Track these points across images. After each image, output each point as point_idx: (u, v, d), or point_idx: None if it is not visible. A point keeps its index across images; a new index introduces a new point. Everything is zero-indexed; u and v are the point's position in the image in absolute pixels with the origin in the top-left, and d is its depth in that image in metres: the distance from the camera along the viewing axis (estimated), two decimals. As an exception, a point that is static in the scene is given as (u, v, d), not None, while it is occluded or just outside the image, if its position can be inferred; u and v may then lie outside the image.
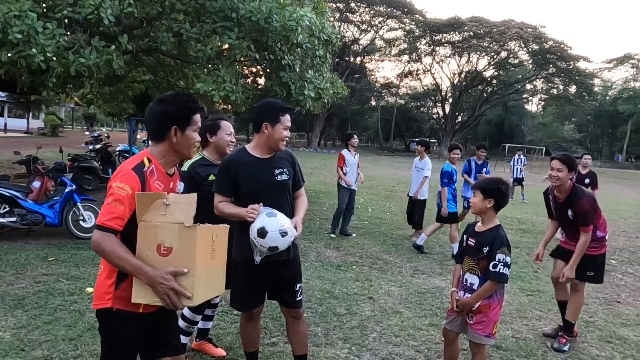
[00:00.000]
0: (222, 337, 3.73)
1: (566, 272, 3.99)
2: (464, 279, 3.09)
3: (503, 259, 2.89)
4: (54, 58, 6.07)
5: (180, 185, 2.53)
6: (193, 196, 2.01)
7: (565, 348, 4.04)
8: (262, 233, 2.58)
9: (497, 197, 3.03)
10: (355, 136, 8.34)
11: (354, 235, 8.12)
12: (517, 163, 15.51)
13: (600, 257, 4.17)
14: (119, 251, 1.91)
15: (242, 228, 2.76)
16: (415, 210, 8.33)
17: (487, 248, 2.94)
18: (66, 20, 6.58)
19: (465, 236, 3.17)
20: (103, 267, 2.07)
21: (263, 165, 2.84)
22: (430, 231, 7.44)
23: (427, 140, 10.57)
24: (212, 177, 3.10)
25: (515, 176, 15.28)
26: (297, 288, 2.95)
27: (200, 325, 3.49)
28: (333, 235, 7.95)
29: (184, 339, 3.19)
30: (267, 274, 2.84)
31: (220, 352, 3.46)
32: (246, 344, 3.11)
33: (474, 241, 3.05)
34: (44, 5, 6.81)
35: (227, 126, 3.27)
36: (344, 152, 8.05)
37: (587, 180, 8.22)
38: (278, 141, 2.82)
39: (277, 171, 2.85)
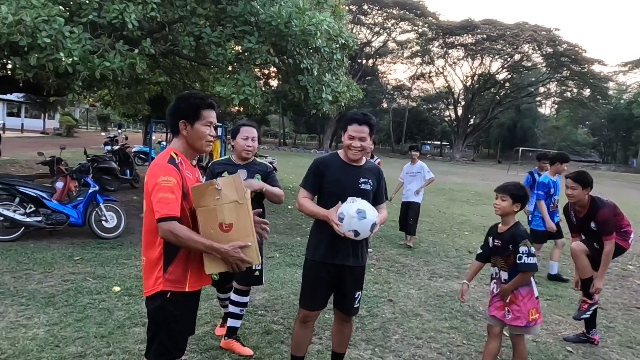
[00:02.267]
0: (247, 337, 3.81)
1: (596, 283, 4.09)
2: (499, 276, 3.36)
3: (526, 251, 3.14)
4: (80, 61, 6.21)
5: (203, 180, 2.77)
6: (237, 176, 2.25)
7: (586, 315, 4.16)
8: (340, 218, 2.74)
9: (524, 201, 3.30)
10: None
11: (370, 250, 7.48)
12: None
13: (621, 249, 4.22)
14: (192, 234, 2.13)
15: (317, 228, 3.02)
16: (409, 213, 7.92)
17: (511, 245, 3.21)
18: (91, 25, 6.71)
19: (490, 238, 3.42)
20: (146, 259, 2.27)
21: (350, 171, 2.99)
22: (557, 256, 6.58)
23: (417, 145, 10.18)
24: (225, 174, 3.27)
25: None
26: (357, 296, 3.09)
27: (229, 323, 3.59)
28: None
29: (236, 322, 3.58)
30: (335, 276, 2.99)
31: (248, 351, 3.54)
32: (295, 348, 3.17)
33: (499, 242, 3.31)
34: (68, 9, 6.95)
35: (244, 131, 3.49)
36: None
37: None
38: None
39: (362, 179, 2.97)
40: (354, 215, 2.69)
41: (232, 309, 3.60)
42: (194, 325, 2.45)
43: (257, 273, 3.56)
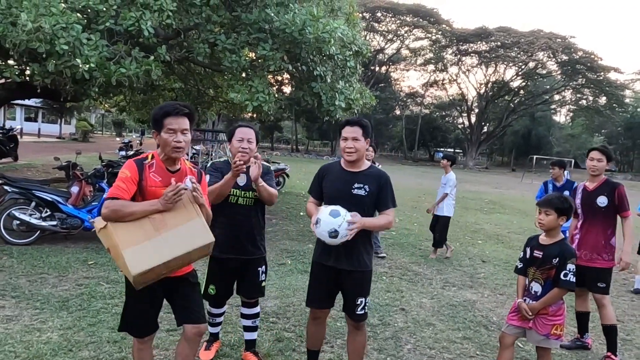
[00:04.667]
0: (259, 345, 3.79)
1: (624, 257, 4.10)
2: (530, 287, 3.28)
3: (572, 269, 3.12)
4: (97, 68, 6.29)
5: (207, 177, 3.06)
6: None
7: None
8: (317, 223, 2.90)
9: (569, 214, 3.28)
10: (370, 147, 7.81)
11: (384, 255, 7.44)
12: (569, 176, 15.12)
13: (610, 270, 4.23)
14: (124, 204, 2.41)
15: None
16: (436, 227, 7.74)
17: (558, 259, 3.15)
18: (108, 32, 6.80)
19: (529, 249, 3.35)
20: None
21: (346, 177, 3.11)
22: None
23: (453, 154, 9.78)
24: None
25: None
26: (359, 302, 3.10)
27: (245, 337, 3.60)
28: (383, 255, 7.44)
29: (252, 335, 3.59)
30: (333, 278, 3.12)
31: None
32: (309, 342, 3.36)
33: (540, 253, 3.25)
34: (86, 17, 7.06)
35: (239, 132, 3.37)
36: None
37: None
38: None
39: (356, 185, 3.06)
40: (327, 216, 2.86)
41: (244, 322, 3.60)
42: (157, 310, 2.72)
43: (263, 284, 3.54)
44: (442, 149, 71.29)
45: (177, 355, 2.73)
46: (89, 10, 6.73)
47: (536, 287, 3.24)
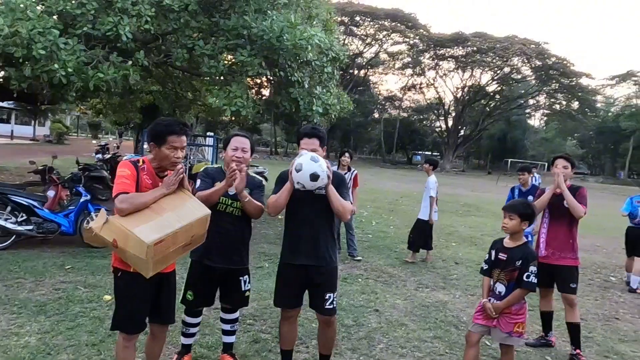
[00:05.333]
0: (236, 346, 3.88)
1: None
2: (494, 288, 3.46)
3: (534, 271, 3.31)
4: (74, 73, 6.30)
5: (197, 182, 3.35)
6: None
7: None
8: (298, 167, 3.02)
9: (532, 219, 3.46)
10: (346, 154, 7.65)
11: (360, 258, 7.59)
12: (532, 181, 15.46)
13: (577, 269, 4.48)
14: (136, 195, 2.65)
15: (284, 232, 3.33)
16: (415, 229, 7.84)
17: (521, 262, 3.33)
18: (85, 37, 6.81)
19: (494, 252, 3.53)
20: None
21: None
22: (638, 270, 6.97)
23: (435, 158, 9.82)
24: (218, 184, 3.31)
25: None
26: (327, 297, 3.26)
27: (224, 339, 3.69)
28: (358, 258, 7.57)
29: (230, 338, 3.67)
30: (301, 276, 3.26)
31: None
32: (282, 342, 3.47)
33: (505, 256, 3.43)
34: (63, 21, 7.06)
35: (235, 141, 3.39)
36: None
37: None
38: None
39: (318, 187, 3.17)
40: (309, 160, 3.01)
41: (223, 326, 3.67)
42: (148, 306, 2.84)
43: (247, 294, 3.58)
44: (420, 152, 72.22)
45: (146, 354, 3.04)
46: (67, 15, 6.74)
47: (500, 288, 3.42)
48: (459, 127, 55.05)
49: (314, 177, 2.99)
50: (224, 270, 3.43)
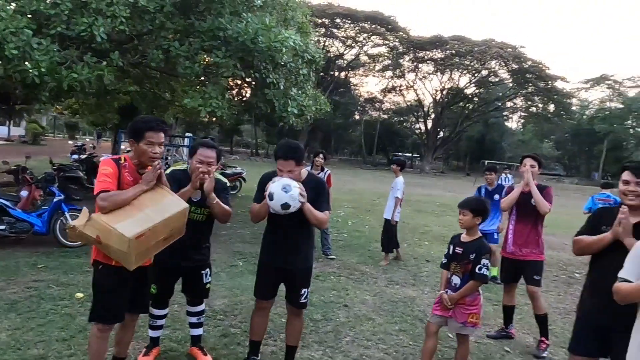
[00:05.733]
0: (205, 339, 3.99)
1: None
2: (450, 280, 3.64)
3: (486, 263, 3.51)
4: (48, 73, 6.31)
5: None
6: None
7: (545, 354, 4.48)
8: (270, 196, 3.15)
9: (485, 215, 3.62)
10: (320, 155, 7.87)
11: (334, 257, 7.76)
12: (504, 182, 15.82)
13: (542, 263, 4.72)
14: (117, 193, 2.76)
15: (264, 235, 3.51)
16: (385, 231, 7.92)
17: (474, 255, 3.52)
18: (59, 37, 6.82)
19: (452, 246, 3.72)
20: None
21: None
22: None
23: (403, 159, 9.89)
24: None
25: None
26: (302, 292, 3.48)
27: (191, 332, 3.80)
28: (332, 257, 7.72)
29: (197, 331, 3.78)
30: (278, 275, 3.49)
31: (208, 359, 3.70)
32: (252, 333, 3.64)
33: (461, 249, 3.62)
34: (36, 21, 7.05)
35: (200, 154, 3.38)
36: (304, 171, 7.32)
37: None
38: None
39: None
40: (280, 190, 3.13)
41: (190, 319, 3.78)
42: (126, 298, 2.95)
43: (207, 286, 3.71)
44: (400, 154, 72.85)
45: (116, 342, 3.21)
46: (40, 15, 6.74)
47: (456, 280, 3.61)
48: (438, 129, 55.68)
49: (285, 206, 3.14)
50: (185, 268, 3.57)
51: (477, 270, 3.49)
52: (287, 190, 3.12)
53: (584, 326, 2.99)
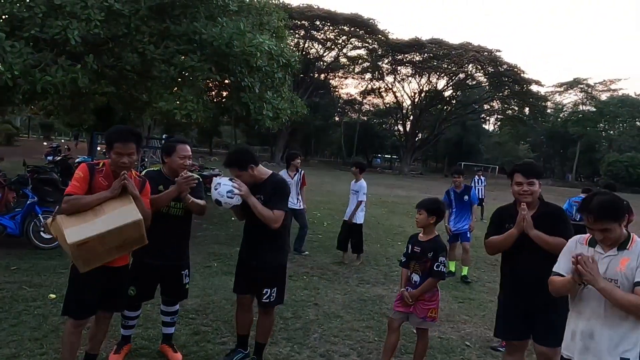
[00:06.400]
0: (176, 337, 4.10)
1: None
2: (411, 278, 3.83)
3: (443, 261, 3.73)
4: (21, 76, 6.34)
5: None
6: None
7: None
8: (216, 187, 3.46)
9: (439, 214, 3.83)
10: (299, 157, 8.22)
11: (306, 253, 8.13)
12: (478, 184, 16.09)
13: None
14: (79, 197, 2.96)
15: (243, 230, 3.76)
16: (352, 235, 7.96)
17: (432, 253, 3.72)
18: (33, 39, 6.84)
19: (410, 245, 3.93)
20: None
21: (251, 188, 3.55)
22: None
23: (363, 161, 9.98)
24: (161, 188, 3.56)
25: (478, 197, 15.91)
26: (264, 292, 3.66)
27: (163, 331, 3.91)
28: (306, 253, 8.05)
29: (169, 329, 3.90)
30: (247, 272, 3.72)
31: (178, 357, 3.80)
32: (237, 327, 3.88)
33: (419, 249, 3.82)
34: (10, 24, 7.05)
35: (181, 149, 3.62)
36: (282, 173, 7.42)
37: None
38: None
39: (256, 195, 3.54)
40: (213, 188, 3.46)
41: (163, 318, 3.89)
42: (96, 296, 3.09)
43: (186, 287, 3.85)
44: (379, 155, 73.39)
45: (89, 339, 3.34)
46: (13, 18, 6.75)
47: (416, 278, 3.80)
48: (417, 131, 56.28)
49: (217, 202, 3.48)
50: (165, 268, 3.66)
51: (435, 267, 3.69)
52: (216, 188, 3.44)
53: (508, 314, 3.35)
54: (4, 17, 6.71)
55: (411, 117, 55.93)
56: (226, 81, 9.63)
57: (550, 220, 3.18)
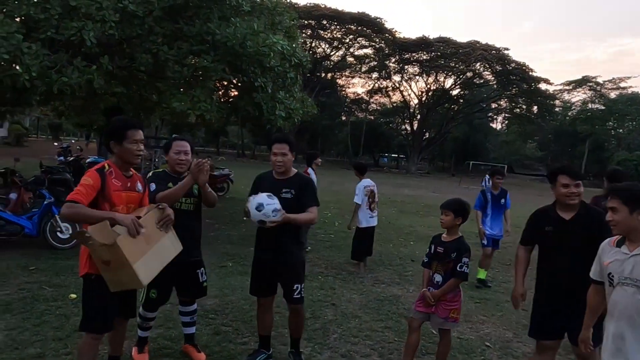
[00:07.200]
0: (198, 337, 4.12)
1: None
2: (433, 278, 3.81)
3: (467, 262, 3.69)
4: (38, 77, 6.40)
5: (152, 185, 3.45)
6: (106, 223, 2.68)
7: None
8: (246, 214, 3.45)
9: (465, 215, 3.82)
10: (319, 156, 8.31)
11: (309, 248, 7.95)
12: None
13: None
14: (83, 210, 2.71)
15: (257, 229, 3.69)
16: (366, 239, 7.57)
17: (455, 254, 3.70)
18: (49, 41, 6.89)
19: (433, 246, 3.91)
20: (82, 247, 2.88)
21: (276, 183, 3.66)
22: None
23: (362, 163, 9.69)
24: (170, 185, 3.56)
25: None
26: (295, 288, 3.71)
27: (184, 331, 3.92)
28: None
29: (190, 329, 3.90)
30: (271, 270, 3.72)
31: (202, 357, 3.81)
32: (259, 328, 3.91)
33: (442, 249, 3.80)
34: (27, 26, 7.11)
35: (176, 145, 3.68)
36: (310, 171, 7.73)
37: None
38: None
39: (284, 190, 3.59)
40: (254, 209, 3.39)
41: (183, 318, 3.91)
42: (117, 306, 3.00)
43: (204, 284, 3.85)
44: (386, 155, 73.24)
45: (110, 344, 3.33)
46: (30, 20, 6.80)
47: (438, 278, 3.79)
48: (424, 130, 56.16)
49: (261, 223, 3.43)
50: (183, 264, 3.65)
51: (458, 268, 3.68)
52: (259, 209, 3.38)
53: (544, 314, 3.35)
54: (20, 18, 6.75)
55: (418, 116, 55.81)
56: (235, 81, 9.67)
57: (590, 222, 3.17)
